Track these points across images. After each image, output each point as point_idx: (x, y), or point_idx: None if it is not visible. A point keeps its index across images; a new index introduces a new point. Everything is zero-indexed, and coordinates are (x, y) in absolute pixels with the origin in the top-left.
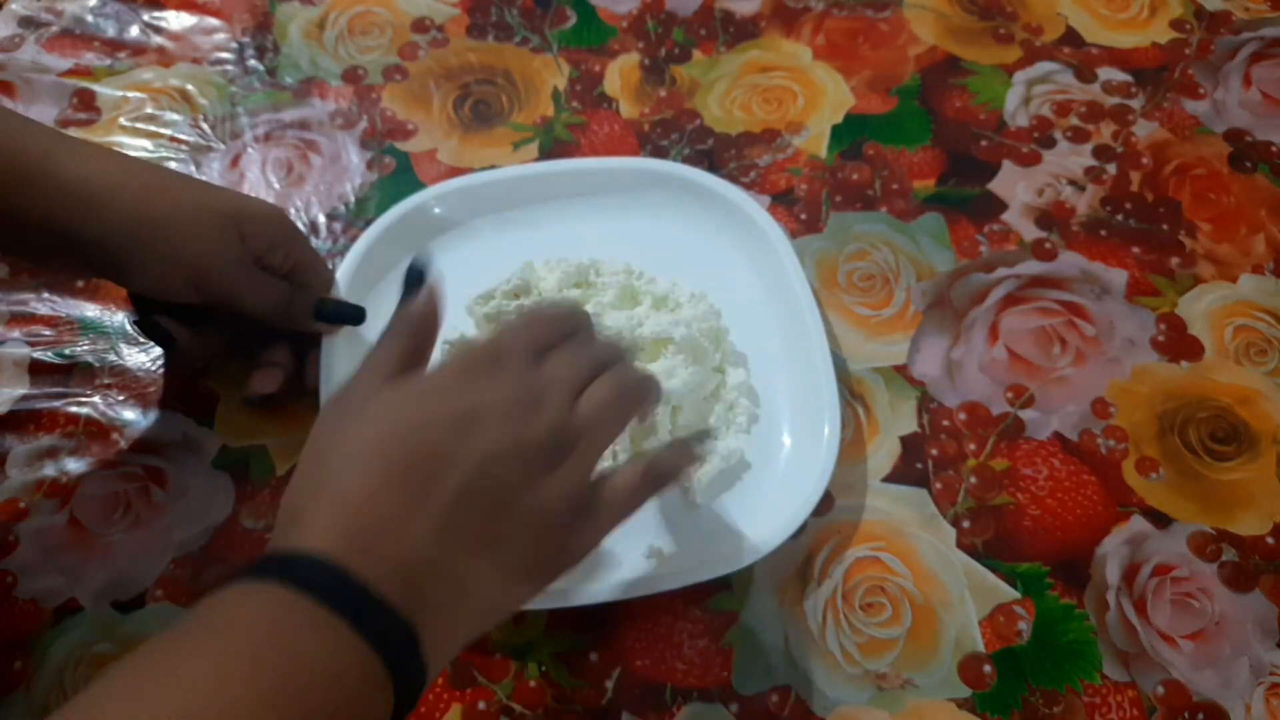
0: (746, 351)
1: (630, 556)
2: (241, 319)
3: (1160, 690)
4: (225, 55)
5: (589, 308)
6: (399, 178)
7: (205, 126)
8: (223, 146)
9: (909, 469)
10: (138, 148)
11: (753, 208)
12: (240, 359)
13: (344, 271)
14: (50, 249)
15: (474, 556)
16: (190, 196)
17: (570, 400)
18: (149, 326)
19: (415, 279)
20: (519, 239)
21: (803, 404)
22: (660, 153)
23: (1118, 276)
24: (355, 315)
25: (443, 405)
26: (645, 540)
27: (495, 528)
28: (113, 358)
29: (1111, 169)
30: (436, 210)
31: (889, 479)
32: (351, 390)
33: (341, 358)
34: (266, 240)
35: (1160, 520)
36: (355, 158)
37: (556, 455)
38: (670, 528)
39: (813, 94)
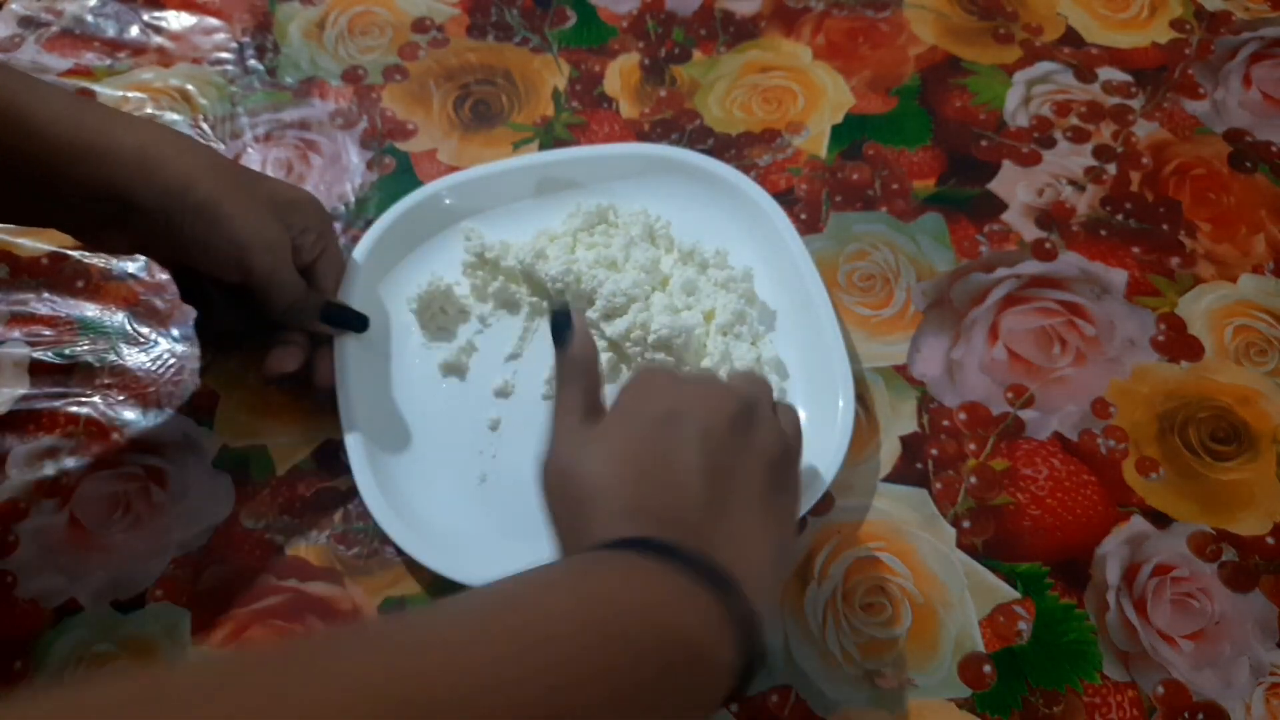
0: (764, 324)
1: None
2: (256, 311)
3: (1160, 690)
4: (225, 55)
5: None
6: (399, 178)
7: (205, 126)
8: (223, 146)
9: (909, 469)
10: None
11: (748, 185)
12: (248, 349)
13: (357, 253)
14: (108, 220)
15: (735, 514)
16: (242, 174)
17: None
18: (191, 290)
19: (562, 326)
20: (527, 228)
21: (815, 376)
22: None
23: (1118, 276)
24: (359, 323)
25: (645, 416)
26: None
27: (737, 484)
28: (113, 358)
29: (1111, 169)
30: (447, 201)
31: (889, 479)
32: (560, 440)
33: (353, 358)
34: (302, 223)
35: (1160, 520)
36: (355, 158)
37: (748, 416)
38: None
39: (813, 94)
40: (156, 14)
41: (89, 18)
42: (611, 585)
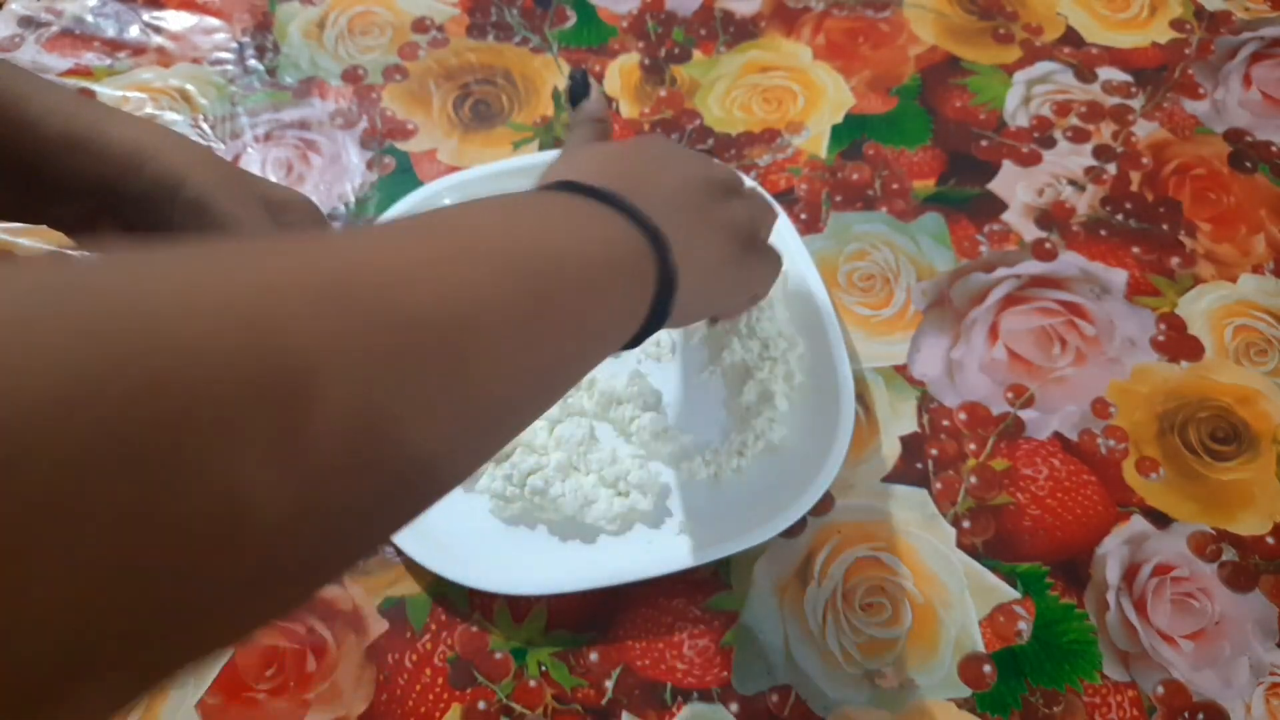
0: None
1: (659, 535)
2: None
3: (1160, 690)
4: (225, 55)
5: None
6: (399, 178)
7: (205, 126)
8: (223, 146)
9: (909, 469)
10: None
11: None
12: None
13: None
14: (98, 214)
15: (692, 225)
16: (235, 173)
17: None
18: None
19: (579, 91)
20: None
21: (816, 376)
22: None
23: (1118, 276)
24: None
25: (655, 141)
26: (675, 518)
27: (705, 213)
28: None
29: (1111, 169)
30: (446, 201)
31: (889, 479)
32: (573, 145)
33: None
34: (298, 224)
35: (1160, 520)
36: (355, 158)
37: (728, 185)
38: (697, 504)
39: (813, 94)
40: (156, 14)
41: (89, 18)
42: (544, 204)
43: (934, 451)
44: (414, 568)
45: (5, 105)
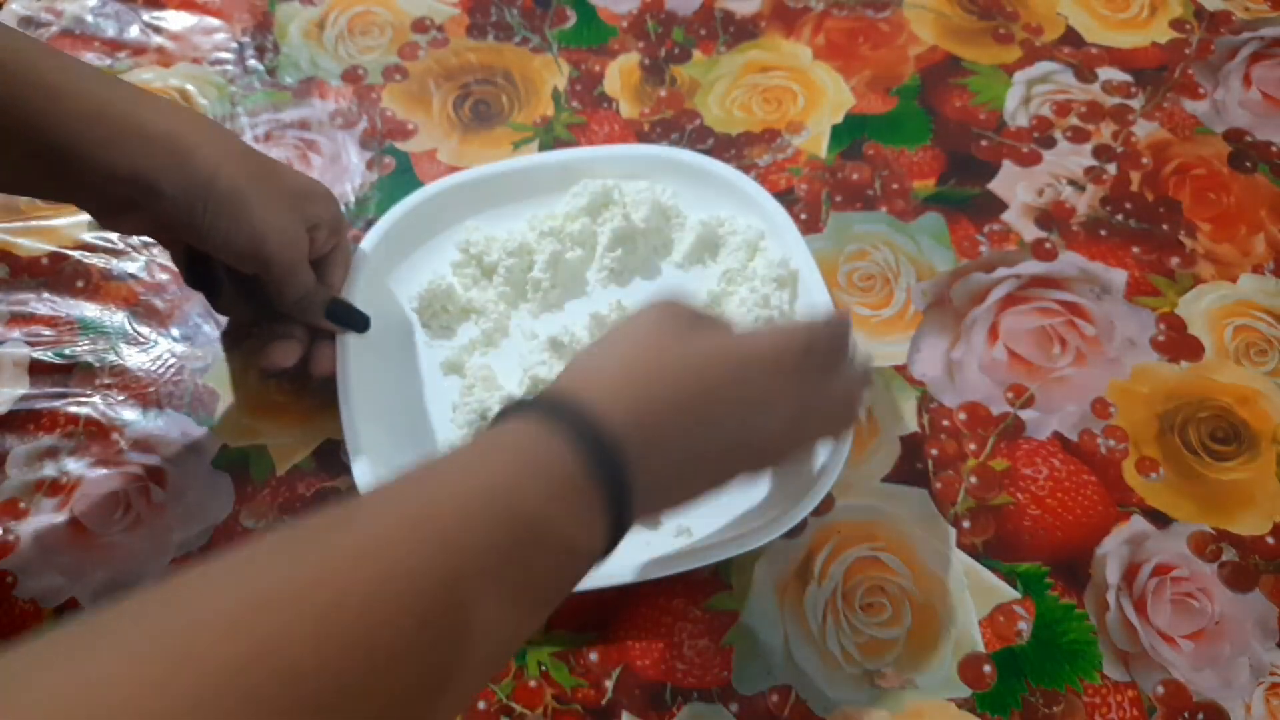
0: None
1: (660, 536)
2: (263, 301)
3: (1160, 690)
4: (225, 55)
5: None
6: (399, 178)
7: None
8: None
9: (909, 469)
10: None
11: (750, 185)
12: (248, 346)
13: (362, 250)
14: (131, 204)
15: (696, 483)
16: (264, 164)
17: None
18: (200, 272)
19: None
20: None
21: None
22: None
23: (1118, 276)
24: (361, 323)
25: (760, 382)
26: (675, 519)
27: (726, 468)
28: (113, 358)
29: (1111, 169)
30: (450, 200)
31: (889, 479)
32: (669, 312)
33: (354, 356)
34: (317, 217)
35: (1160, 520)
36: (355, 158)
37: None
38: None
39: (813, 94)
40: (156, 14)
41: (89, 18)
42: (501, 478)
43: (934, 451)
44: None
45: (39, 92)
